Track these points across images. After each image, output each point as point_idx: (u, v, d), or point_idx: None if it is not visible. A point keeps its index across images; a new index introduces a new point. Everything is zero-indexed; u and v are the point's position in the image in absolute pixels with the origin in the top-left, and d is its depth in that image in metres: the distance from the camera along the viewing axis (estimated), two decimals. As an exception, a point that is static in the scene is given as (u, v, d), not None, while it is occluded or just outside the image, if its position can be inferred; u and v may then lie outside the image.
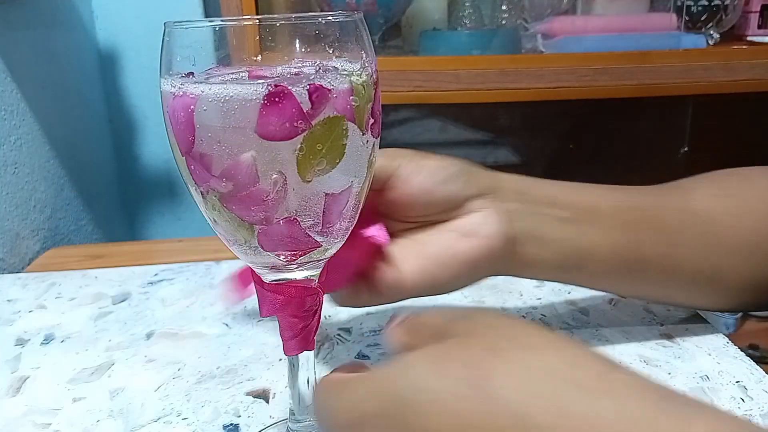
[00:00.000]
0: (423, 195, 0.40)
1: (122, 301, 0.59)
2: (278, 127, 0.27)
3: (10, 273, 0.69)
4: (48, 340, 0.52)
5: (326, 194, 0.30)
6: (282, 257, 0.31)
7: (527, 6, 0.94)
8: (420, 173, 0.40)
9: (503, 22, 0.95)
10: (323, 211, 0.30)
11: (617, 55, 0.86)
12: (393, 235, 0.42)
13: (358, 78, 0.29)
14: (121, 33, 1.00)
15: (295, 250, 0.31)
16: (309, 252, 0.31)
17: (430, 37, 0.93)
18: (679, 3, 0.91)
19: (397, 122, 1.20)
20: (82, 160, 0.92)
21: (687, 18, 0.92)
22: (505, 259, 0.41)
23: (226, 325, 0.54)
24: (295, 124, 0.27)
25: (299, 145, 0.28)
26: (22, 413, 0.43)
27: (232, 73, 0.30)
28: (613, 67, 0.85)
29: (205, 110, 0.28)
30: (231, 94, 0.27)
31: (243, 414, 0.42)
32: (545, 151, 1.27)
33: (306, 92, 0.27)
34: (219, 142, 0.28)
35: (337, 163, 0.29)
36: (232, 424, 0.41)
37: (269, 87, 0.27)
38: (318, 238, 0.31)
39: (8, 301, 0.60)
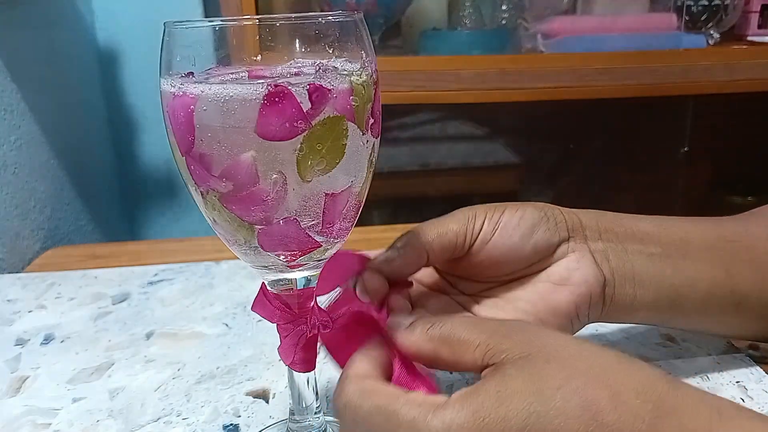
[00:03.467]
0: (511, 252, 0.38)
1: (122, 301, 0.59)
2: (278, 127, 0.27)
3: (10, 273, 0.69)
4: (48, 340, 0.52)
5: (326, 194, 0.30)
6: (282, 257, 0.31)
7: (527, 6, 0.94)
8: (503, 231, 0.37)
9: (503, 22, 0.95)
10: (323, 211, 0.30)
11: (617, 55, 0.86)
12: (473, 296, 0.40)
13: (358, 78, 0.29)
14: (121, 33, 1.00)
15: (295, 251, 0.31)
16: (309, 252, 0.31)
17: (430, 37, 0.93)
18: (679, 3, 0.91)
19: (397, 122, 1.20)
20: (82, 160, 0.92)
21: (687, 18, 0.92)
22: (602, 303, 0.38)
23: (226, 325, 0.54)
24: (294, 124, 0.27)
25: (299, 145, 0.28)
26: (22, 413, 0.43)
27: (232, 73, 0.30)
28: (613, 67, 0.85)
29: (204, 110, 0.28)
30: (231, 94, 0.27)
31: (243, 414, 0.42)
32: (545, 151, 1.27)
33: (306, 92, 0.27)
34: (219, 141, 0.28)
35: (337, 163, 0.29)
36: (231, 424, 0.41)
37: (269, 87, 0.27)
38: (318, 238, 0.31)
39: (8, 301, 0.60)
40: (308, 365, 0.35)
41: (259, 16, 0.28)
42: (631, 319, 0.41)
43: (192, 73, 0.29)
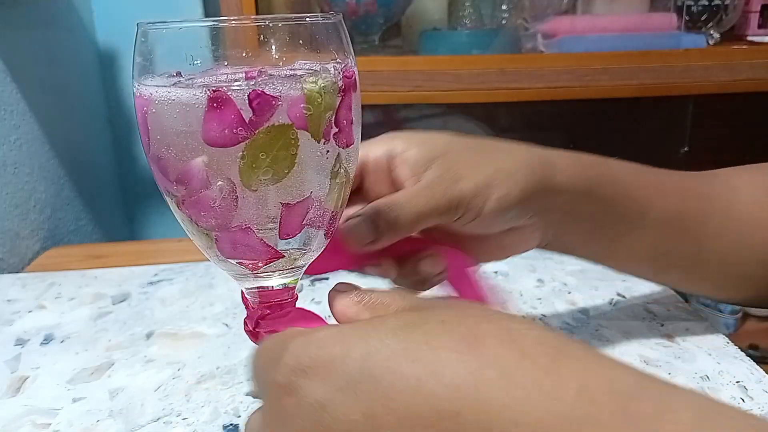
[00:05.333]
0: (496, 225, 0.39)
1: (122, 301, 0.59)
2: (218, 133, 0.26)
3: (9, 273, 0.69)
4: (48, 340, 0.52)
5: (282, 204, 0.28)
6: (244, 265, 0.31)
7: (527, 6, 0.94)
8: (494, 209, 0.37)
9: (503, 22, 0.95)
10: (280, 221, 0.29)
11: (617, 55, 0.86)
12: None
13: (313, 85, 0.27)
14: (121, 33, 1.00)
15: (255, 259, 0.30)
16: (271, 262, 0.30)
17: (430, 37, 0.93)
18: (679, 3, 0.91)
19: (397, 122, 1.20)
20: (82, 160, 0.92)
21: (687, 18, 0.91)
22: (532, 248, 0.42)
23: (226, 325, 0.54)
24: (234, 131, 0.26)
25: (241, 153, 0.27)
26: (22, 413, 0.43)
27: (191, 76, 0.29)
28: (613, 67, 0.85)
29: (154, 113, 0.27)
30: (173, 98, 0.27)
31: (243, 414, 0.42)
32: (545, 151, 1.27)
33: (246, 99, 0.26)
34: (168, 145, 0.28)
35: (287, 173, 0.28)
36: (231, 425, 0.41)
37: (208, 92, 0.26)
38: (281, 248, 0.30)
39: (8, 301, 0.60)
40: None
41: (232, 17, 0.28)
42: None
43: (153, 74, 0.29)
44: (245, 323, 0.33)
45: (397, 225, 0.35)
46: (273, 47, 0.29)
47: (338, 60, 0.29)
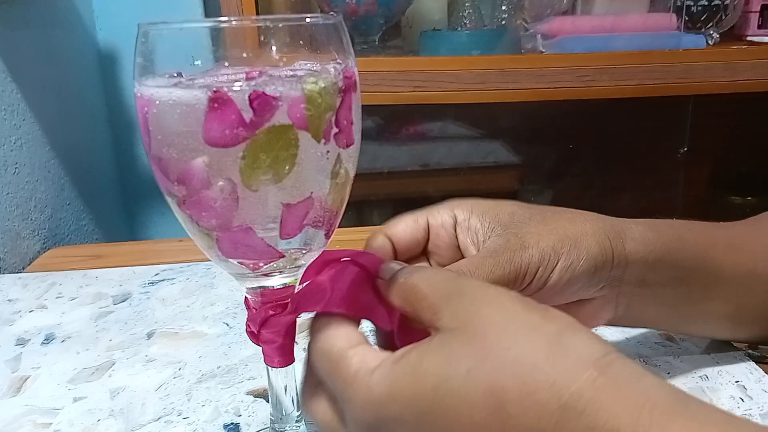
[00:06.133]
0: (564, 297, 0.37)
1: (123, 301, 0.59)
2: (219, 133, 0.26)
3: (10, 273, 0.69)
4: (48, 339, 0.52)
5: (283, 204, 0.28)
6: (245, 265, 0.31)
7: (527, 6, 0.94)
8: (552, 287, 0.36)
9: (503, 22, 0.95)
10: (281, 221, 0.29)
11: (617, 55, 0.86)
12: None
13: (313, 85, 0.27)
14: (121, 33, 1.00)
15: (255, 259, 0.30)
16: (272, 262, 0.30)
17: (430, 37, 0.93)
18: (679, 3, 0.91)
19: (397, 122, 1.20)
20: (82, 160, 0.93)
21: (687, 18, 0.92)
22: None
23: (227, 324, 0.54)
24: (235, 131, 0.26)
25: (241, 153, 0.27)
26: (22, 413, 0.43)
27: (192, 77, 0.29)
28: (613, 67, 0.85)
29: (155, 113, 0.28)
30: (174, 98, 0.27)
31: (243, 413, 0.42)
32: (545, 151, 1.27)
33: (247, 99, 0.26)
34: (169, 146, 0.28)
35: (287, 173, 0.28)
36: (232, 424, 0.41)
37: (209, 92, 0.26)
38: (281, 248, 0.30)
39: (8, 301, 0.60)
40: (283, 356, 0.33)
41: (232, 18, 0.28)
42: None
43: (153, 74, 0.29)
44: (247, 325, 0.33)
45: None
46: (273, 48, 0.29)
47: (338, 60, 0.29)
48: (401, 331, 0.30)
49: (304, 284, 0.32)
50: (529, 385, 0.24)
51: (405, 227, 0.38)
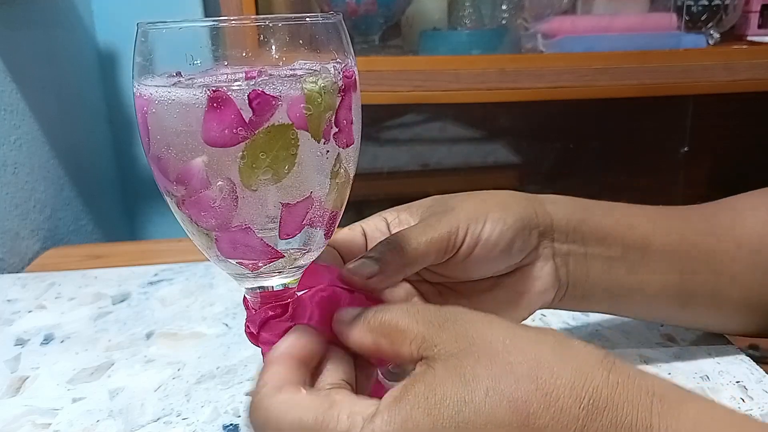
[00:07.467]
0: (486, 266, 0.38)
1: (122, 301, 0.59)
2: (218, 133, 0.26)
3: (9, 273, 0.69)
4: (48, 340, 0.52)
5: (282, 204, 0.28)
6: (244, 265, 0.31)
7: (527, 6, 0.94)
8: (482, 248, 0.37)
9: (503, 22, 0.95)
10: (280, 221, 0.29)
11: (617, 55, 0.86)
12: (436, 285, 0.40)
13: (313, 85, 0.27)
14: (121, 33, 1.00)
15: (255, 259, 0.30)
16: (271, 262, 0.30)
17: (430, 37, 0.93)
18: (679, 3, 0.91)
19: (397, 122, 1.20)
20: (82, 160, 0.93)
21: (687, 18, 0.91)
22: (552, 302, 0.41)
23: (226, 325, 0.54)
24: (234, 131, 0.26)
25: (241, 153, 0.27)
26: (22, 413, 0.43)
27: (191, 76, 0.29)
28: (613, 67, 0.85)
29: (154, 113, 0.27)
30: (174, 98, 0.27)
31: (243, 414, 0.42)
32: (545, 151, 1.27)
33: (246, 99, 0.26)
34: (168, 145, 0.28)
35: (287, 173, 0.28)
36: (231, 424, 0.41)
37: (208, 92, 0.26)
38: (281, 248, 0.30)
39: (8, 301, 0.60)
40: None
41: (231, 17, 0.28)
42: (582, 309, 0.45)
43: (152, 74, 0.29)
44: (246, 326, 0.33)
45: (401, 256, 0.35)
46: (273, 47, 0.29)
47: (338, 60, 0.29)
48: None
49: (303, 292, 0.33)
50: (550, 393, 0.25)
51: (343, 235, 0.39)
